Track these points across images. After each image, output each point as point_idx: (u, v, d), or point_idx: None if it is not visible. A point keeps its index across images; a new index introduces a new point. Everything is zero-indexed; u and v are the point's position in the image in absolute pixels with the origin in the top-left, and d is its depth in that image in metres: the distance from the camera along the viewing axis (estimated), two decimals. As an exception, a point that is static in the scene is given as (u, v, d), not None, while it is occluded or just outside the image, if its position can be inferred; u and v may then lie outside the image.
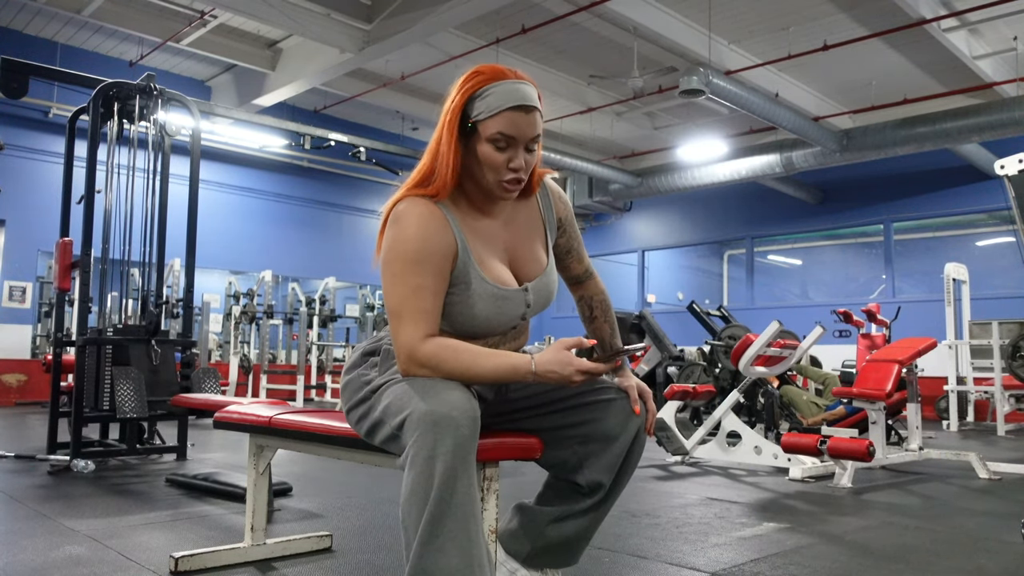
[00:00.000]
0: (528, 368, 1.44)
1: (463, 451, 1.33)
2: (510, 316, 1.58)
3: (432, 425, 1.32)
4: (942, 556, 2.45)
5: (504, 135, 1.47)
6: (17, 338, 9.58)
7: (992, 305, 9.47)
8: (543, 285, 1.64)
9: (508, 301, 1.56)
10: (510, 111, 1.47)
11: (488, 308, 1.54)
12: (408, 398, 1.40)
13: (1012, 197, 3.89)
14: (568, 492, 1.66)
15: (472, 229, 1.56)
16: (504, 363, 1.44)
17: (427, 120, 12.19)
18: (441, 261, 1.49)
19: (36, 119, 9.86)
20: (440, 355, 1.44)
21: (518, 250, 1.63)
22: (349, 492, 3.45)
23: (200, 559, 2.11)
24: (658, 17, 8.08)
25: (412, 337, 1.45)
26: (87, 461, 3.92)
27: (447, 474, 1.30)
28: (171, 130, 4.78)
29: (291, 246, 12.13)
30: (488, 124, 1.47)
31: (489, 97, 1.48)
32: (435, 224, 1.50)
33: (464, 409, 1.35)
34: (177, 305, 6.54)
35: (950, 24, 8.17)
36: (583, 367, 1.43)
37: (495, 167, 1.49)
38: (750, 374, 4.68)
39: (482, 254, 1.56)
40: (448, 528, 1.31)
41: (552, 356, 1.44)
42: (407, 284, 1.47)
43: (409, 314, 1.46)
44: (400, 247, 1.48)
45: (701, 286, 15.49)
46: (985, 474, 4.24)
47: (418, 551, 1.31)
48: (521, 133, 1.48)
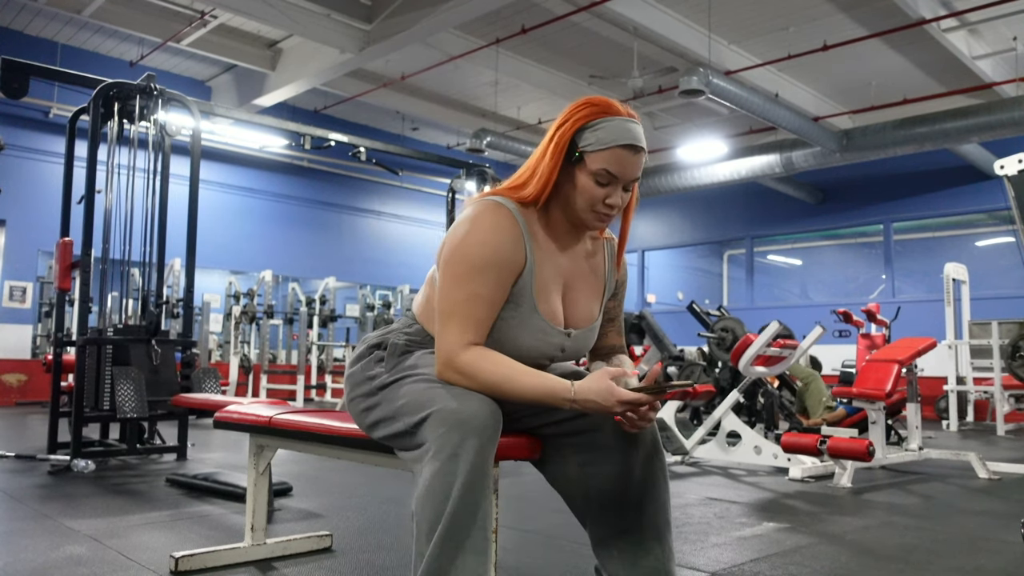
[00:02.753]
0: (567, 395, 1.39)
1: (486, 453, 1.33)
2: (544, 353, 1.55)
3: (458, 424, 1.32)
4: (942, 556, 2.45)
5: (609, 172, 1.46)
6: (17, 338, 9.57)
7: (992, 305, 9.47)
8: (583, 337, 1.61)
9: (548, 340, 1.54)
10: (620, 149, 1.45)
11: (529, 339, 1.52)
12: (431, 397, 1.40)
13: (1012, 197, 3.90)
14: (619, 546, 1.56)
15: (542, 256, 1.53)
16: (542, 385, 1.41)
17: (427, 120, 12.21)
18: (506, 274, 1.46)
19: (36, 119, 9.86)
20: (478, 364, 1.42)
21: (575, 293, 1.60)
22: (349, 492, 3.45)
23: (200, 559, 2.11)
24: (658, 17, 8.09)
25: (456, 343, 1.43)
26: (87, 461, 3.92)
27: (472, 474, 1.30)
28: (171, 130, 4.79)
29: (291, 246, 12.13)
30: (595, 157, 1.45)
31: (601, 131, 1.45)
32: (510, 236, 1.47)
33: (490, 412, 1.36)
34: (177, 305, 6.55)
35: (950, 24, 8.17)
36: (626, 398, 1.36)
37: (592, 200, 1.48)
38: (750, 374, 4.68)
39: (544, 283, 1.53)
40: (469, 528, 1.31)
41: (594, 385, 1.38)
42: (465, 289, 1.44)
43: (459, 319, 1.44)
44: (469, 249, 1.45)
45: (701, 286, 15.49)
46: (985, 474, 4.24)
47: (436, 550, 1.30)
48: (625, 173, 1.47)
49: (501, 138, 10.45)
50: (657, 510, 1.54)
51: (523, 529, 2.74)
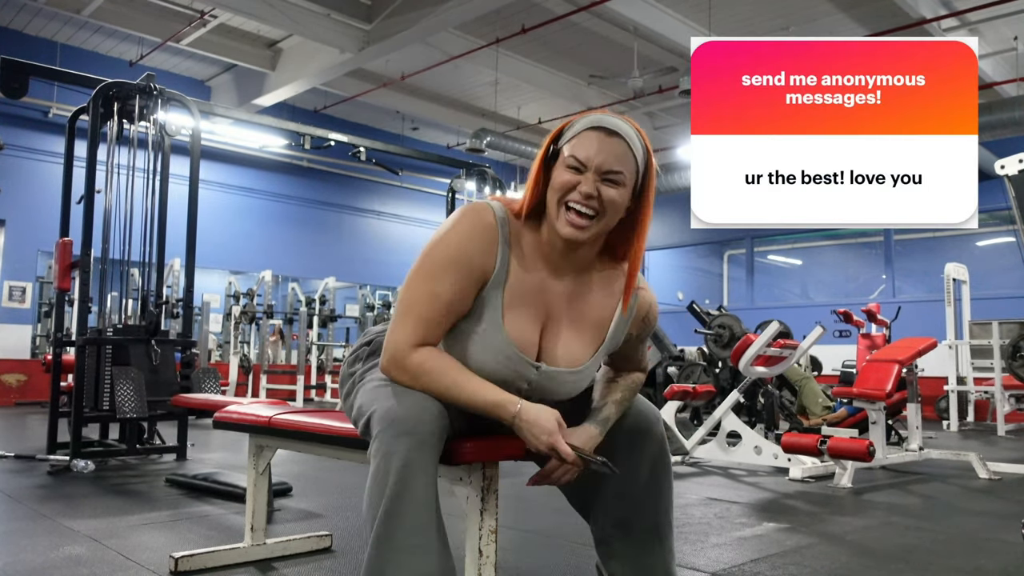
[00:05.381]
0: (512, 412, 1.35)
1: (422, 451, 1.30)
2: (506, 380, 1.43)
3: (392, 423, 1.31)
4: (942, 556, 2.45)
5: (576, 157, 1.35)
6: (17, 338, 9.57)
7: (992, 305, 9.46)
8: (562, 380, 1.47)
9: (509, 366, 1.43)
10: (589, 131, 1.36)
11: (490, 361, 1.42)
12: (375, 397, 1.40)
13: (1012, 197, 3.90)
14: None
15: (522, 274, 1.43)
16: (488, 397, 1.36)
17: (427, 120, 12.21)
18: (467, 277, 1.39)
19: (36, 119, 9.86)
20: (425, 364, 1.37)
21: (558, 327, 1.47)
22: (349, 492, 3.45)
23: (200, 559, 2.11)
24: (658, 17, 8.09)
25: (405, 340, 1.39)
26: (87, 461, 3.92)
27: (404, 471, 1.28)
28: (171, 130, 4.78)
29: (291, 246, 12.13)
30: (566, 148, 1.38)
31: (576, 125, 1.40)
32: (482, 241, 1.39)
33: (427, 409, 1.33)
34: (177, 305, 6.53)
35: (950, 24, 8.17)
36: (558, 445, 1.34)
37: (561, 189, 1.36)
38: (750, 374, 4.68)
39: (515, 298, 1.42)
40: (403, 527, 1.28)
41: (542, 414, 1.35)
42: (424, 287, 1.40)
43: (413, 317, 1.39)
44: (437, 248, 1.41)
45: (701, 286, 15.48)
46: (985, 474, 4.24)
47: (373, 550, 1.29)
48: (593, 157, 1.34)
49: (501, 138, 10.45)
50: (660, 512, 1.54)
51: (523, 529, 2.74)
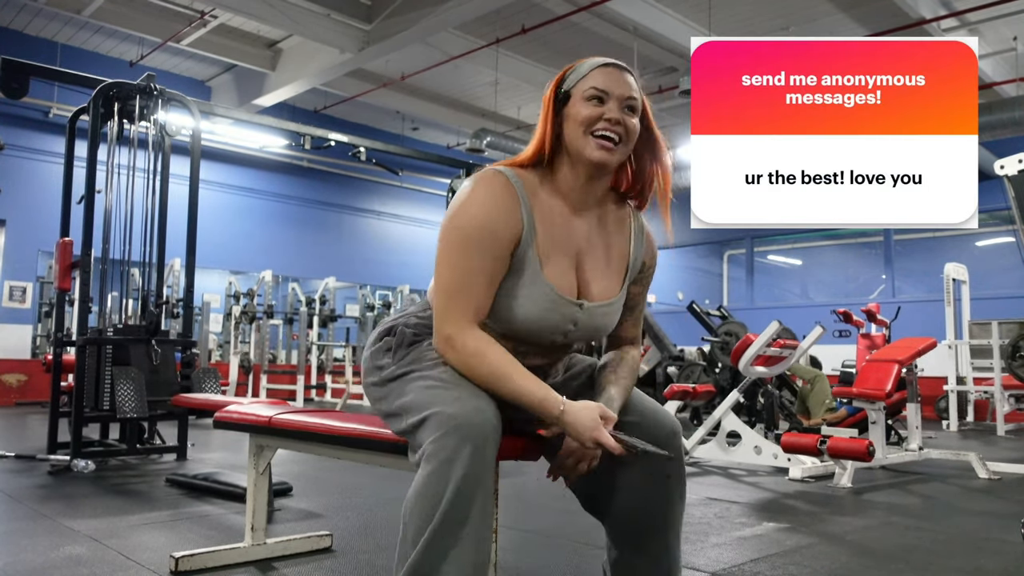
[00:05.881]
0: (556, 410, 1.37)
1: (484, 461, 1.28)
2: (554, 326, 1.48)
3: (456, 428, 1.28)
4: (942, 556, 2.45)
5: (598, 88, 1.44)
6: (17, 338, 9.57)
7: (992, 305, 9.46)
8: (601, 314, 1.52)
9: (557, 310, 1.47)
10: (601, 68, 1.46)
11: (535, 310, 1.45)
12: (432, 398, 1.36)
13: (1012, 197, 3.90)
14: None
15: (547, 216, 1.48)
16: (535, 391, 1.38)
17: (427, 120, 12.20)
18: (502, 245, 1.42)
19: (36, 119, 9.86)
20: (482, 350, 1.39)
21: (591, 261, 1.52)
22: (349, 492, 3.45)
23: (200, 559, 2.11)
24: (658, 17, 8.09)
25: (458, 321, 1.40)
26: (87, 461, 3.92)
27: (465, 481, 1.26)
28: (171, 130, 4.78)
29: (291, 246, 12.13)
30: (580, 85, 1.45)
31: (578, 68, 1.49)
32: (504, 204, 1.43)
33: (490, 418, 1.32)
34: (177, 305, 6.54)
35: (950, 24, 8.18)
36: (604, 440, 1.36)
37: (587, 120, 1.43)
38: (750, 374, 4.68)
39: (548, 247, 1.47)
40: (456, 537, 1.26)
41: (584, 411, 1.38)
42: (461, 265, 1.41)
43: (462, 297, 1.41)
44: (461, 222, 1.43)
45: (701, 286, 15.48)
46: (985, 474, 4.24)
47: (419, 556, 1.26)
48: (614, 87, 1.44)
49: (501, 138, 10.45)
50: (671, 524, 1.53)
51: (523, 529, 2.74)
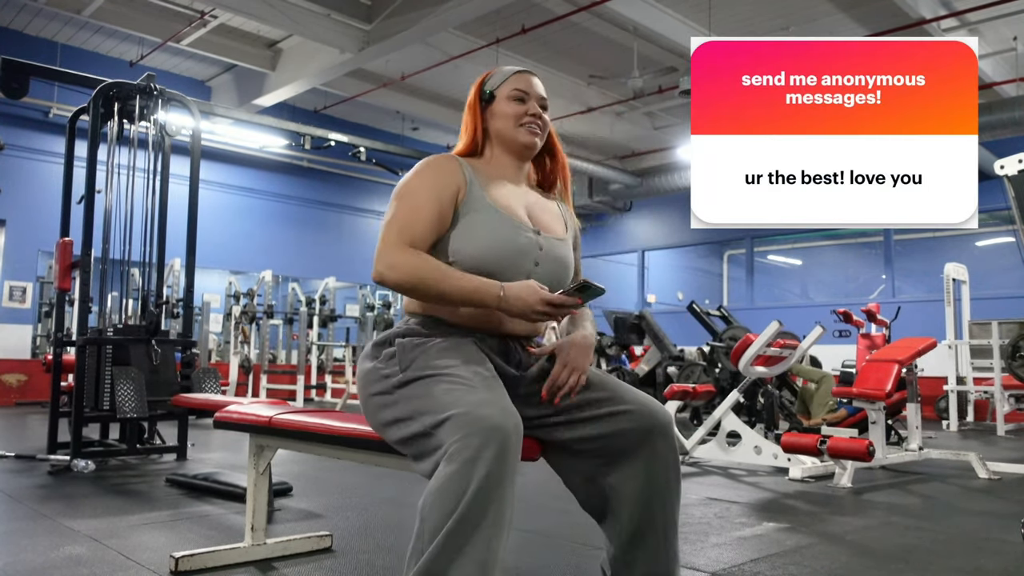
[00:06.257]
0: (497, 292, 1.49)
1: (506, 462, 1.29)
2: (519, 251, 1.60)
3: (480, 430, 1.29)
4: (942, 556, 2.45)
5: (519, 90, 1.71)
6: (17, 338, 9.57)
7: (992, 305, 9.46)
8: (558, 244, 1.69)
9: (518, 235, 1.61)
10: (517, 75, 1.74)
11: (497, 236, 1.59)
12: (453, 399, 1.37)
13: (1012, 197, 3.90)
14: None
15: (495, 182, 1.68)
16: (471, 280, 1.50)
17: (427, 120, 12.20)
18: (442, 186, 1.60)
19: (36, 119, 9.86)
20: (414, 260, 1.51)
21: (538, 212, 1.72)
22: (349, 492, 3.45)
23: (200, 559, 2.11)
24: (658, 17, 8.09)
25: (393, 242, 1.53)
26: (87, 461, 3.92)
27: (488, 480, 1.26)
28: (171, 130, 4.78)
29: (291, 246, 12.13)
30: (503, 87, 1.72)
31: (497, 75, 1.76)
32: (446, 166, 1.64)
33: (512, 420, 1.33)
34: (177, 305, 6.54)
35: (950, 24, 8.17)
36: (548, 298, 1.50)
37: (516, 114, 1.70)
38: (750, 374, 4.68)
39: (496, 192, 1.66)
40: (474, 535, 1.27)
41: (522, 287, 1.51)
42: (403, 204, 1.59)
43: (397, 225, 1.55)
44: (405, 182, 1.63)
45: (701, 286, 15.48)
46: (985, 474, 4.24)
47: (436, 550, 1.27)
48: (531, 89, 1.72)
49: (501, 138, 10.41)
50: (668, 516, 1.54)
51: (523, 529, 2.74)
